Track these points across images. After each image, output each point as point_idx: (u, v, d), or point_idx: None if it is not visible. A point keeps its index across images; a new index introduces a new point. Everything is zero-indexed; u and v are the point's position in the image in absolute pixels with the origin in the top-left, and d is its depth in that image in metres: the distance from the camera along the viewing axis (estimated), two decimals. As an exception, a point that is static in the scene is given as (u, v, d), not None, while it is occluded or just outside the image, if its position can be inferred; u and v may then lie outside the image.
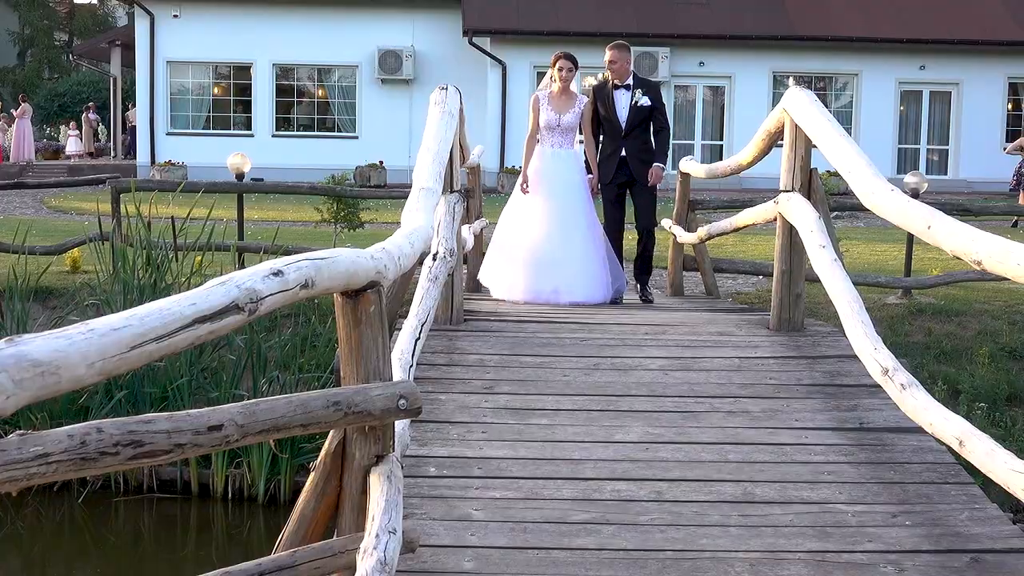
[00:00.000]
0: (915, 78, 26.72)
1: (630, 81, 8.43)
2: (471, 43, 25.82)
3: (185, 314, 2.23)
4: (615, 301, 8.23)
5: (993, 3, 27.08)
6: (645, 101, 8.38)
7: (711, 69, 26.69)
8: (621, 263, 8.43)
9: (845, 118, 26.50)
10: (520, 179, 8.34)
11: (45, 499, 8.70)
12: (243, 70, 27.57)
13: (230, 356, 9.21)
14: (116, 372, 2.06)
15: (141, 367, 2.59)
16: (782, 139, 6.48)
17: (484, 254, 8.89)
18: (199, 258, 10.12)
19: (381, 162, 26.00)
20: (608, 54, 8.48)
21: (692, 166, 9.56)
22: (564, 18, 25.73)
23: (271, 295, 2.54)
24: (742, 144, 9.33)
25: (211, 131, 27.56)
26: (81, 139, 34.81)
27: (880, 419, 5.07)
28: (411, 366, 4.35)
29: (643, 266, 8.60)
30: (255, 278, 2.51)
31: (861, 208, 4.90)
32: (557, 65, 8.40)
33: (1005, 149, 21.52)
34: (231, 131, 27.67)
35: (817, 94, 17.74)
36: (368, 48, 26.88)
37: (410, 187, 5.21)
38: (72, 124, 35.24)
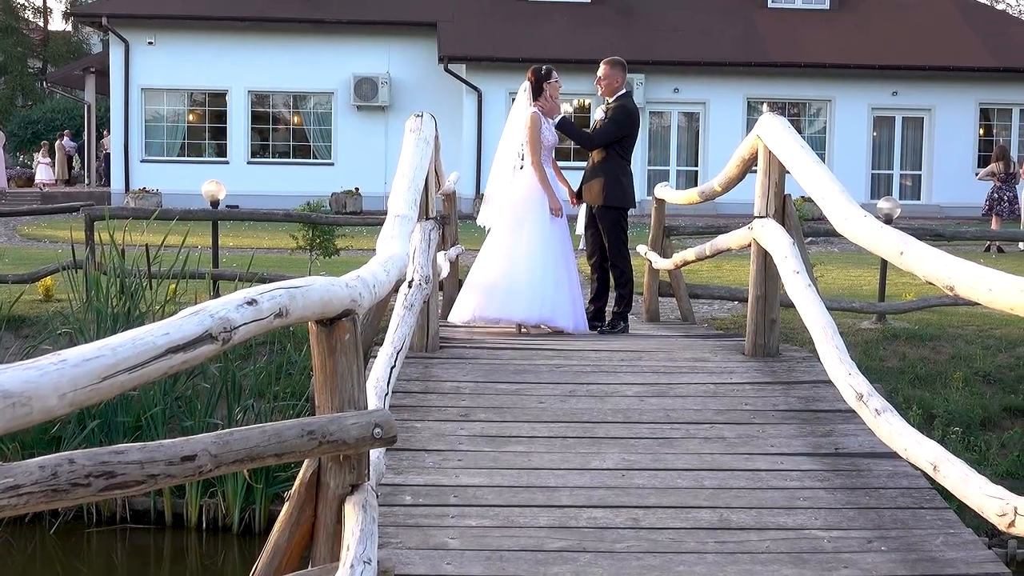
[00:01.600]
0: (888, 104, 26.97)
1: (612, 99, 8.46)
2: (447, 70, 25.90)
3: (158, 344, 2.22)
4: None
5: (964, 30, 27.40)
6: (599, 115, 8.44)
7: (686, 95, 26.86)
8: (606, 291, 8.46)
9: (819, 144, 26.70)
10: (551, 204, 8.08)
11: (15, 530, 8.61)
12: (218, 97, 27.56)
13: (204, 384, 9.16)
14: (88, 403, 2.05)
15: (114, 397, 2.58)
16: (756, 165, 6.52)
17: (460, 284, 8.85)
18: (173, 286, 10.08)
19: (357, 189, 26.00)
20: (599, 69, 8.53)
21: (667, 192, 9.61)
22: (539, 45, 25.86)
23: (245, 324, 2.53)
24: (717, 170, 9.39)
25: (186, 158, 27.51)
26: (52, 167, 34.65)
27: (855, 444, 5.09)
28: (386, 394, 4.33)
29: (602, 294, 8.60)
30: (229, 307, 2.50)
31: (835, 233, 4.93)
32: (553, 80, 8.31)
33: (977, 175, 21.73)
34: (206, 158, 27.62)
35: (791, 120, 17.88)
36: (344, 75, 26.93)
37: (386, 214, 5.21)
38: (42, 151, 35.08)
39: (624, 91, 8.52)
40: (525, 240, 8.09)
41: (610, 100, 8.45)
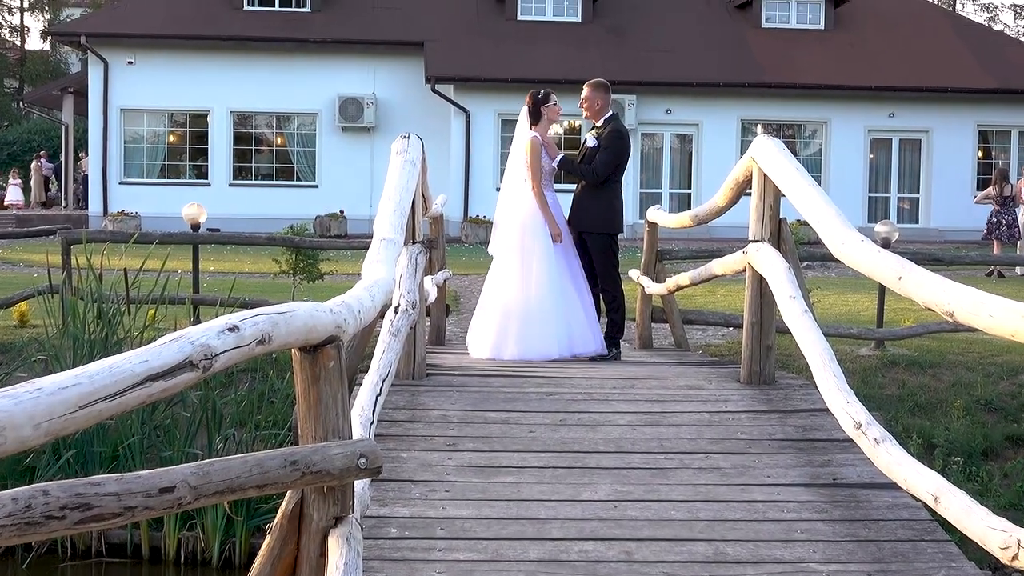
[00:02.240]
0: (885, 126, 27.11)
1: (600, 123, 8.49)
2: (434, 90, 25.97)
3: (136, 372, 2.21)
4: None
5: (962, 51, 27.59)
6: (592, 143, 8.45)
7: (678, 116, 26.97)
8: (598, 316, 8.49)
9: (814, 166, 26.81)
10: (552, 230, 8.15)
11: (-12, 564, 8.54)
12: (199, 118, 27.58)
13: (184, 413, 9.13)
14: (64, 433, 2.03)
15: (90, 427, 2.56)
16: (751, 188, 6.53)
17: (447, 310, 8.87)
18: (152, 312, 10.06)
19: (342, 212, 26.01)
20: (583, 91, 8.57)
21: (660, 215, 9.62)
22: (529, 65, 25.96)
23: (226, 351, 2.52)
24: (710, 193, 9.42)
25: (166, 180, 27.50)
26: (26, 188, 34.59)
27: (854, 475, 5.08)
28: (372, 423, 4.32)
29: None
30: (209, 334, 2.50)
31: (832, 258, 4.94)
32: (551, 104, 8.35)
33: (975, 198, 21.83)
34: (187, 180, 27.62)
35: (786, 142, 17.93)
36: (328, 95, 26.98)
37: (371, 238, 5.20)
38: (14, 173, 35.01)
39: (611, 113, 8.56)
40: (534, 272, 8.14)
41: (599, 124, 8.47)
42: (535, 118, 8.34)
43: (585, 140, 8.62)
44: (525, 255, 8.22)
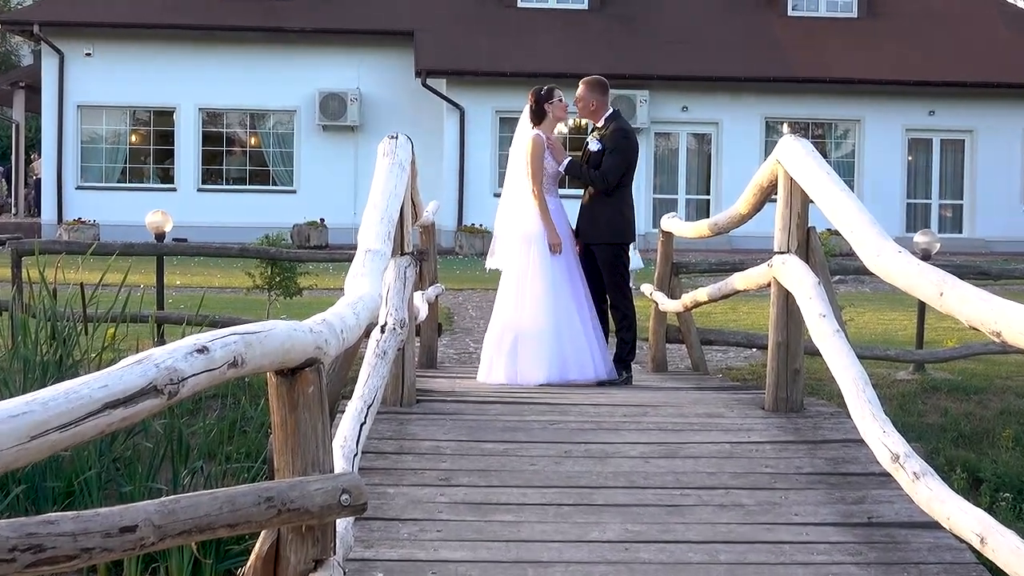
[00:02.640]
0: (924, 125, 27.16)
1: (601, 123, 8.52)
2: (425, 85, 26.03)
3: (95, 398, 2.21)
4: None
5: (1010, 42, 27.62)
6: (595, 146, 8.46)
7: (695, 114, 27.03)
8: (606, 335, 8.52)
9: (846, 169, 26.86)
10: (550, 238, 8.24)
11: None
12: (165, 115, 27.64)
13: (146, 444, 9.12)
14: (14, 466, 2.04)
15: (44, 459, 2.56)
16: (776, 194, 6.55)
17: (439, 328, 8.90)
18: (112, 331, 10.05)
19: (322, 220, 26.05)
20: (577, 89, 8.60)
21: (675, 224, 9.64)
22: (529, 57, 26.02)
23: (195, 375, 2.53)
24: (731, 198, 9.43)
25: (127, 185, 27.54)
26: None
27: (891, 513, 5.08)
28: (356, 455, 4.32)
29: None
30: (176, 356, 2.50)
31: (866, 271, 4.94)
32: (555, 100, 8.38)
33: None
34: (150, 185, 27.66)
35: (814, 142, 17.95)
36: (308, 91, 27.03)
37: (355, 248, 5.21)
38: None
39: (612, 110, 8.60)
40: (529, 287, 8.19)
41: (599, 125, 8.50)
42: (538, 117, 8.38)
43: (587, 143, 8.63)
44: (521, 268, 8.26)
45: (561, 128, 8.80)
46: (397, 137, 6.65)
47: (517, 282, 8.28)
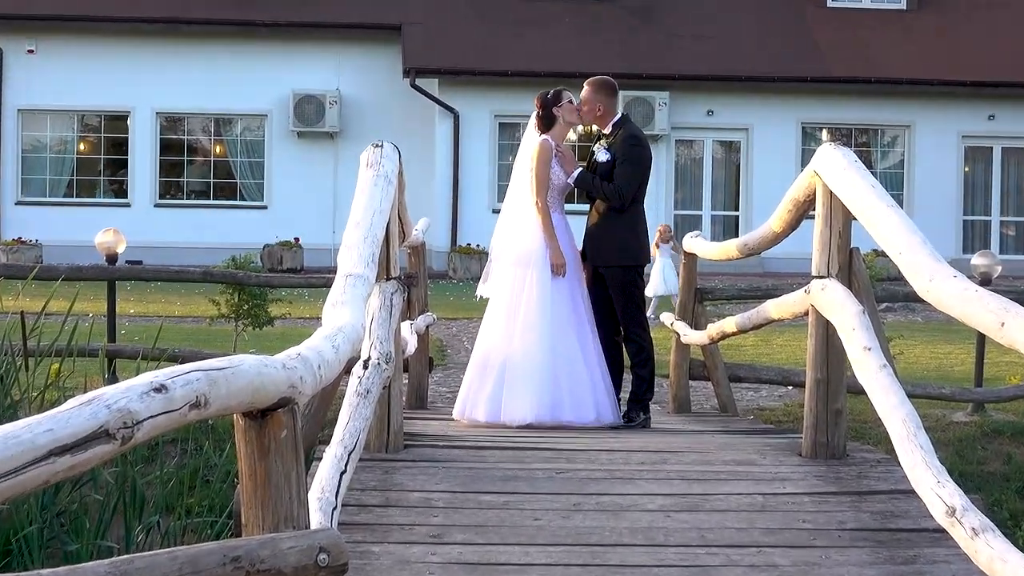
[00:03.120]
0: (983, 131, 27.21)
1: (608, 129, 8.54)
2: (413, 86, 26.10)
3: (38, 443, 2.22)
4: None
5: (1079, 36, 27.68)
6: (603, 156, 8.46)
7: (722, 119, 27.09)
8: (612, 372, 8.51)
9: (894, 182, 26.90)
10: (553, 258, 8.27)
11: None
12: (118, 120, 27.72)
13: (96, 496, 9.10)
14: (-55, 521, 2.04)
15: (-22, 514, 2.56)
16: (813, 209, 6.56)
17: (430, 363, 8.90)
18: (56, 366, 10.04)
19: (297, 239, 26.09)
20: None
21: (699, 244, 9.65)
22: (532, 55, 26.07)
23: (151, 418, 2.53)
24: (763, 215, 9.44)
25: (75, 199, 27.59)
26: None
27: (946, 574, 5.07)
28: (335, 508, 4.32)
29: (614, 378, 8.63)
30: (130, 396, 2.50)
31: (917, 298, 4.94)
32: (564, 103, 8.40)
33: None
34: (101, 199, 27.73)
35: (858, 151, 17.97)
36: (280, 92, 27.10)
37: (334, 272, 5.22)
38: None
39: (621, 114, 8.64)
40: (523, 312, 8.17)
41: (607, 131, 8.52)
42: (547, 124, 8.39)
43: (592, 153, 8.63)
44: (516, 290, 8.25)
45: (570, 135, 8.80)
46: (382, 145, 6.66)
47: (509, 305, 8.26)
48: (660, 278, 17.22)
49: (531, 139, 8.47)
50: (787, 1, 28.19)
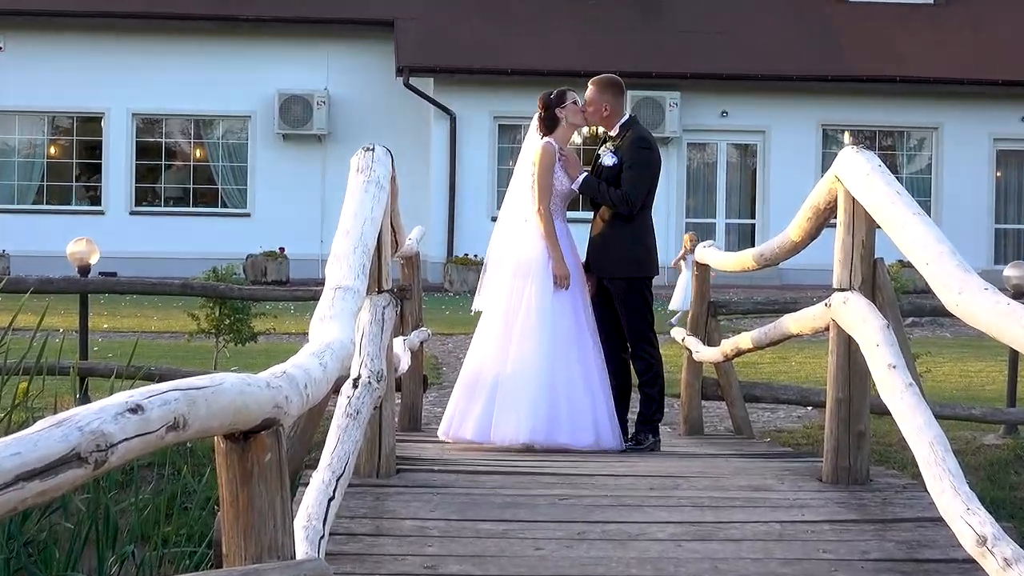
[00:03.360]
0: (1016, 133, 27.23)
1: (615, 131, 8.55)
2: (407, 85, 26.11)
3: (5, 468, 2.22)
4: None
5: (1119, 32, 27.73)
6: (610, 160, 8.46)
7: (737, 120, 27.11)
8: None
9: (921, 188, 26.92)
10: (556, 269, 8.29)
11: None
12: (91, 122, 27.75)
13: (66, 524, 9.10)
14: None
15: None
16: (835, 217, 6.56)
17: (425, 382, 8.90)
18: (24, 385, 10.05)
19: (282, 249, 26.10)
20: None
21: (712, 255, 9.66)
22: (534, 53, 26.10)
23: (126, 440, 2.53)
24: (781, 223, 9.44)
25: (45, 207, 27.60)
26: None
27: (977, 607, 5.07)
28: (322, 537, 4.32)
29: (621, 397, 8.62)
30: (104, 417, 2.50)
31: (946, 312, 4.95)
32: (568, 103, 8.42)
33: None
34: (73, 207, 27.74)
35: (883, 155, 17.99)
36: (265, 92, 27.11)
37: (321, 284, 5.22)
38: None
39: (628, 116, 8.65)
40: (519, 325, 8.16)
41: (613, 133, 8.53)
42: (550, 126, 8.40)
43: (598, 156, 8.64)
44: (512, 302, 8.24)
45: (574, 138, 8.79)
46: (374, 149, 6.66)
47: (505, 318, 8.24)
48: (684, 292, 17.04)
49: (533, 142, 8.47)
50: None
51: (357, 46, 27.28)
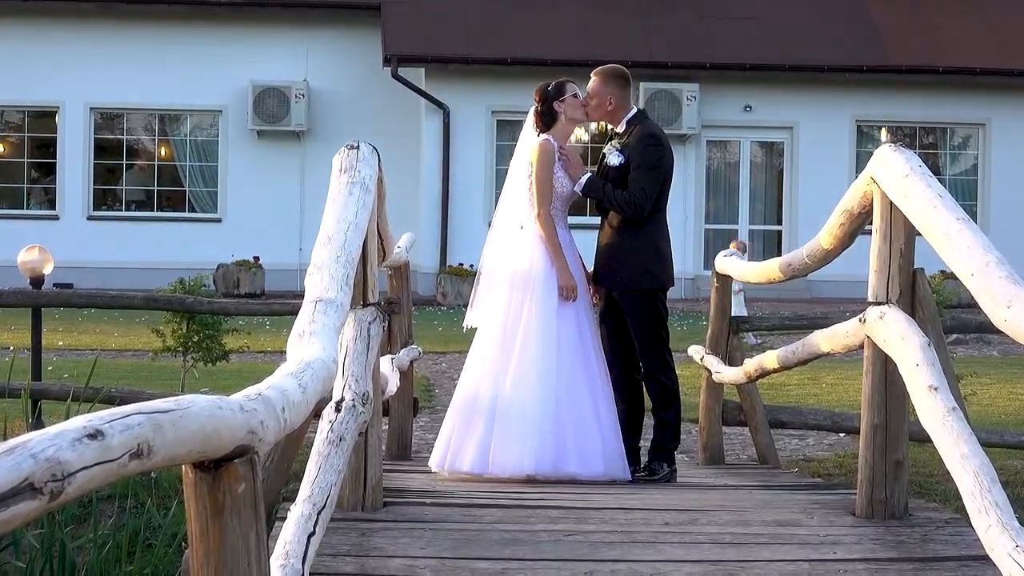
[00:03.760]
0: (1072, 130, 27.24)
1: (622, 128, 8.55)
2: (396, 77, 26.12)
3: (-51, 500, 2.23)
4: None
5: None
6: (615, 159, 8.44)
7: (762, 115, 27.12)
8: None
9: (967, 190, 26.96)
10: (561, 279, 8.29)
11: None
12: (45, 117, 27.76)
13: (17, 563, 9.11)
14: None
15: None
16: (870, 223, 6.58)
17: (415, 404, 8.90)
18: (-29, 408, 10.07)
19: (256, 258, 26.10)
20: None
21: (734, 265, 9.67)
22: (536, 41, 26.10)
23: (85, 469, 2.54)
24: (810, 229, 9.45)
25: (-7, 211, 27.62)
26: None
27: (1028, 656, 5.08)
28: (301, 577, 4.33)
29: (632, 422, 8.62)
30: (60, 444, 2.51)
31: (993, 329, 4.95)
32: (568, 96, 8.42)
33: None
34: (24, 211, 27.74)
35: (923, 154, 17.99)
36: (237, 84, 27.12)
37: (300, 297, 5.22)
38: None
39: (635, 110, 8.65)
40: (519, 345, 8.16)
41: (619, 130, 8.53)
42: (547, 121, 8.40)
43: (603, 155, 8.63)
44: (511, 319, 8.24)
45: (581, 135, 8.75)
46: (359, 147, 6.67)
47: (503, 336, 8.22)
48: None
49: (529, 139, 8.46)
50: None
51: (340, 33, 27.30)
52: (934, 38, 27.00)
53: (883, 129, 27.38)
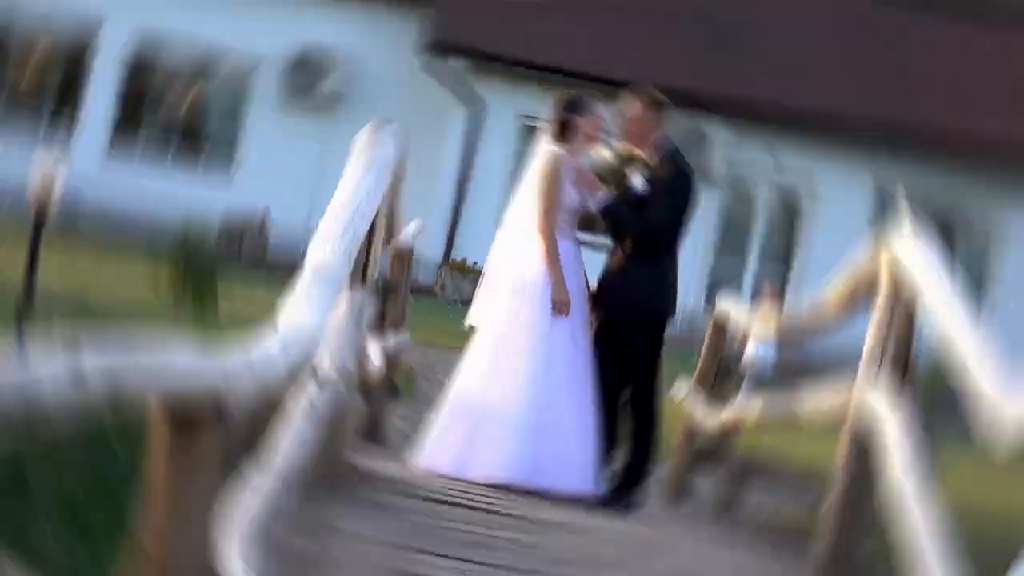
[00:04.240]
0: None
1: (654, 158, 8.47)
2: (433, 64, 25.89)
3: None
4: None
5: None
6: (640, 184, 8.36)
7: (783, 160, 26.70)
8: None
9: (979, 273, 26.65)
10: (555, 294, 8.27)
11: None
12: (81, 38, 27.52)
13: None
14: None
15: None
16: (878, 292, 6.56)
17: (396, 391, 8.87)
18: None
19: (266, 212, 25.56)
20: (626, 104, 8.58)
21: (735, 308, 9.65)
22: (582, 51, 25.79)
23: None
24: (819, 277, 9.43)
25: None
26: None
27: None
28: (260, 550, 4.29)
29: (615, 444, 8.60)
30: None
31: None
32: (591, 116, 8.38)
33: None
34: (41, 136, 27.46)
35: (943, 229, 17.70)
36: (282, 40, 26.51)
37: (303, 261, 5.18)
38: None
39: (673, 145, 8.63)
40: (510, 354, 8.13)
41: (649, 160, 8.48)
42: (563, 132, 8.32)
43: (623, 176, 8.52)
44: (508, 323, 8.21)
45: (605, 156, 8.66)
46: (386, 127, 6.66)
47: (498, 338, 8.23)
48: (754, 350, 15.67)
49: (542, 149, 8.43)
50: (888, 19, 27.85)
51: (391, 10, 27.01)
52: (969, 99, 26.57)
53: (902, 195, 27.02)
